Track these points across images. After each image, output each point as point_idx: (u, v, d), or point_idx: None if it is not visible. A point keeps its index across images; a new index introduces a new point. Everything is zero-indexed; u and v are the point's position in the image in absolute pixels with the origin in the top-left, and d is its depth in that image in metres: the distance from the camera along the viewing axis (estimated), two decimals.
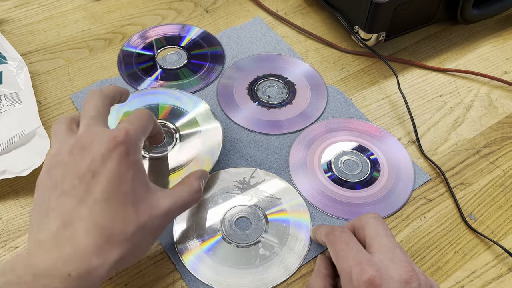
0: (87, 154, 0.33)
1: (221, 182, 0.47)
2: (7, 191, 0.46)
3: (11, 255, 0.42)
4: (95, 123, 0.35)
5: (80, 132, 0.34)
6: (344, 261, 0.33)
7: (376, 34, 0.57)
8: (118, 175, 0.32)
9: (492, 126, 0.53)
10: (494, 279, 0.42)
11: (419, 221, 0.45)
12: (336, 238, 0.36)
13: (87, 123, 0.35)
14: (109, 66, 0.58)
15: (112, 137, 0.33)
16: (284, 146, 0.50)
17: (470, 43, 0.62)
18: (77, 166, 0.32)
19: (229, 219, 0.44)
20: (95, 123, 0.35)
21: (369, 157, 0.50)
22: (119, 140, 0.33)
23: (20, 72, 0.53)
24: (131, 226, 0.32)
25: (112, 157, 0.32)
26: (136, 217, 0.33)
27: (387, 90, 0.56)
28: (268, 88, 0.56)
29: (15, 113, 0.49)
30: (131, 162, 0.33)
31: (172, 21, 0.63)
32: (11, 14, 0.63)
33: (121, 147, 0.33)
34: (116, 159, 0.32)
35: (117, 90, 0.40)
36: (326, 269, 0.38)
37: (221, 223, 0.44)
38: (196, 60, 0.59)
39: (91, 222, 0.31)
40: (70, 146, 0.33)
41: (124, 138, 0.33)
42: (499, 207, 0.46)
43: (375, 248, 0.34)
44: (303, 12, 0.65)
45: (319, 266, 0.39)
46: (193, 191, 0.39)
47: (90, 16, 0.63)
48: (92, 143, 0.33)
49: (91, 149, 0.33)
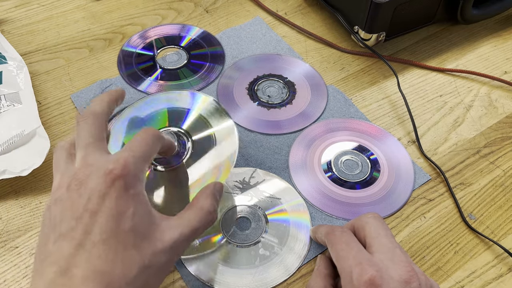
0: (84, 191, 0.30)
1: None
2: (7, 191, 0.46)
3: (11, 255, 0.42)
4: (91, 151, 0.33)
5: (77, 166, 0.32)
6: (345, 261, 0.33)
7: (376, 34, 0.57)
8: (117, 213, 0.30)
9: (492, 126, 0.53)
10: (494, 279, 0.42)
11: (419, 221, 0.45)
12: (336, 238, 0.36)
13: (82, 154, 0.33)
14: (109, 66, 0.58)
15: (108, 170, 0.31)
16: (284, 146, 0.50)
17: (470, 43, 0.62)
18: (74, 205, 0.30)
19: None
20: (91, 151, 0.33)
21: (369, 157, 0.50)
22: (117, 173, 0.30)
23: (20, 72, 0.53)
24: (133, 269, 0.30)
25: (110, 194, 0.30)
26: (139, 257, 0.30)
27: (387, 90, 0.56)
28: (268, 88, 0.56)
29: (15, 113, 0.49)
30: (131, 196, 0.31)
31: (172, 21, 0.63)
32: (11, 14, 0.63)
33: (119, 182, 0.30)
34: (114, 195, 0.30)
35: (109, 99, 0.37)
36: (326, 269, 0.38)
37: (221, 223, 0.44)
38: (196, 60, 0.59)
39: (89, 268, 0.28)
40: (68, 180, 0.31)
41: (122, 171, 0.31)
42: (499, 207, 0.46)
43: (375, 248, 0.34)
44: (303, 12, 0.65)
45: (319, 266, 0.38)
46: (204, 214, 0.35)
47: (90, 16, 0.63)
48: (88, 178, 0.31)
49: (88, 185, 0.30)
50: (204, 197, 0.36)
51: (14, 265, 0.42)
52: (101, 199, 0.30)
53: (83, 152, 0.33)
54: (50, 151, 0.48)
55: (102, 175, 0.30)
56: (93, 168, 0.31)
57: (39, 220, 0.44)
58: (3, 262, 0.42)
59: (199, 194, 0.36)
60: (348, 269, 0.32)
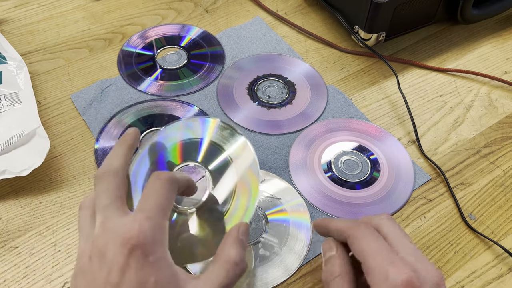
0: (104, 263, 0.30)
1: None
2: (7, 191, 0.46)
3: (10, 255, 0.42)
4: (109, 215, 0.32)
5: (96, 233, 0.32)
6: (375, 258, 0.32)
7: (376, 34, 0.57)
8: (138, 284, 0.29)
9: (492, 126, 0.53)
10: (494, 279, 0.42)
11: (419, 221, 0.45)
12: (363, 233, 0.34)
13: (101, 219, 0.32)
14: (109, 66, 0.58)
15: (126, 239, 0.29)
16: (284, 146, 0.50)
17: (470, 43, 0.62)
18: (96, 278, 0.30)
19: None
20: (109, 215, 0.32)
21: (369, 157, 0.49)
22: (134, 243, 0.29)
23: (20, 72, 0.53)
24: None
25: (129, 265, 0.29)
26: None
27: (387, 90, 0.56)
28: (268, 88, 0.56)
29: (15, 113, 0.49)
30: (151, 264, 0.30)
31: (172, 21, 0.63)
32: (11, 14, 0.63)
33: (137, 251, 0.29)
34: (134, 266, 0.29)
35: (125, 148, 0.36)
36: (349, 271, 0.35)
37: None
38: (196, 60, 0.59)
39: None
40: (90, 249, 0.31)
41: (138, 239, 0.29)
42: (499, 207, 0.46)
43: (400, 248, 0.33)
44: (303, 12, 0.65)
45: (339, 267, 0.35)
46: (231, 267, 0.32)
47: (90, 16, 0.63)
48: (107, 247, 0.30)
49: (107, 257, 0.30)
50: (228, 246, 0.33)
51: (14, 265, 0.42)
52: (121, 271, 0.29)
53: (101, 217, 0.32)
54: (50, 151, 0.48)
55: (119, 245, 0.29)
56: (110, 236, 0.30)
57: (38, 220, 0.44)
58: (3, 262, 0.42)
59: (223, 243, 0.34)
60: (382, 267, 0.31)
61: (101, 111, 0.53)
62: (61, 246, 0.43)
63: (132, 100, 0.54)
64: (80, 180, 0.47)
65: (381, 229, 0.35)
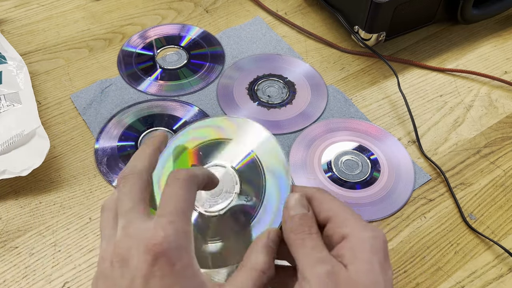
0: (127, 271, 0.28)
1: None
2: (7, 191, 0.46)
3: (10, 255, 0.42)
4: (132, 219, 0.30)
5: (117, 237, 0.30)
6: (347, 213, 0.31)
7: (376, 34, 0.57)
8: None
9: (492, 126, 0.53)
10: (495, 279, 0.42)
11: (419, 221, 0.45)
12: (328, 196, 0.33)
13: (123, 224, 0.30)
14: (109, 66, 0.58)
15: (150, 245, 0.28)
16: (284, 146, 0.50)
17: (470, 43, 0.62)
18: (117, 285, 0.29)
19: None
20: (131, 219, 0.30)
21: (369, 157, 0.49)
22: (158, 250, 0.28)
23: (19, 72, 0.53)
24: None
25: (154, 274, 0.28)
26: None
27: (387, 90, 0.56)
28: (268, 88, 0.56)
29: (15, 113, 0.49)
30: (177, 272, 0.28)
31: (172, 21, 0.63)
32: (11, 14, 0.63)
33: (162, 259, 0.28)
34: (158, 274, 0.28)
35: (151, 150, 0.34)
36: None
37: None
38: (196, 60, 0.59)
39: None
40: (111, 253, 0.30)
41: (162, 245, 0.28)
42: (500, 207, 0.46)
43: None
44: (303, 12, 0.65)
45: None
46: (258, 276, 0.30)
47: (90, 16, 0.63)
48: (129, 254, 0.29)
49: (130, 264, 0.28)
50: (255, 253, 0.31)
51: (14, 265, 0.42)
52: (145, 280, 0.28)
53: (123, 221, 0.31)
54: (50, 151, 0.48)
55: (143, 252, 0.28)
56: (133, 241, 0.29)
57: (38, 220, 0.44)
58: (3, 262, 0.42)
59: (251, 249, 0.32)
60: (360, 222, 0.30)
61: (101, 111, 0.53)
62: (61, 246, 0.43)
63: (132, 100, 0.54)
64: (80, 180, 0.47)
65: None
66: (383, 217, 0.45)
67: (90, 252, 0.43)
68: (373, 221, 0.45)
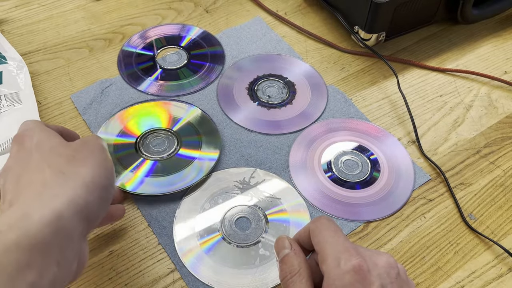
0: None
1: (221, 182, 0.47)
2: None
3: None
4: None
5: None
6: (332, 247, 0.33)
7: (376, 34, 0.57)
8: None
9: (492, 126, 0.53)
10: (494, 279, 0.42)
11: (419, 221, 0.45)
12: (323, 225, 0.35)
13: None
14: (109, 66, 0.58)
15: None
16: (284, 146, 0.50)
17: (470, 43, 0.62)
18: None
19: (229, 219, 0.44)
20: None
21: (369, 157, 0.50)
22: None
23: (20, 72, 0.53)
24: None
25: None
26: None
27: (387, 90, 0.56)
28: (268, 88, 0.56)
29: (15, 113, 0.49)
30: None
31: (172, 21, 0.63)
32: (11, 14, 0.63)
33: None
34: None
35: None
36: (306, 265, 0.35)
37: (221, 223, 0.44)
38: (196, 60, 0.59)
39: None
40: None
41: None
42: (499, 207, 0.46)
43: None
44: (303, 12, 0.65)
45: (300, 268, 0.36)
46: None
47: (90, 16, 0.63)
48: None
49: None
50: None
51: None
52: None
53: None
54: None
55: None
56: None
57: None
58: None
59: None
60: (336, 254, 0.32)
61: (101, 111, 0.53)
62: None
63: (132, 100, 0.54)
64: None
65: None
66: (383, 217, 0.45)
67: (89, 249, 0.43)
68: (373, 221, 0.45)
